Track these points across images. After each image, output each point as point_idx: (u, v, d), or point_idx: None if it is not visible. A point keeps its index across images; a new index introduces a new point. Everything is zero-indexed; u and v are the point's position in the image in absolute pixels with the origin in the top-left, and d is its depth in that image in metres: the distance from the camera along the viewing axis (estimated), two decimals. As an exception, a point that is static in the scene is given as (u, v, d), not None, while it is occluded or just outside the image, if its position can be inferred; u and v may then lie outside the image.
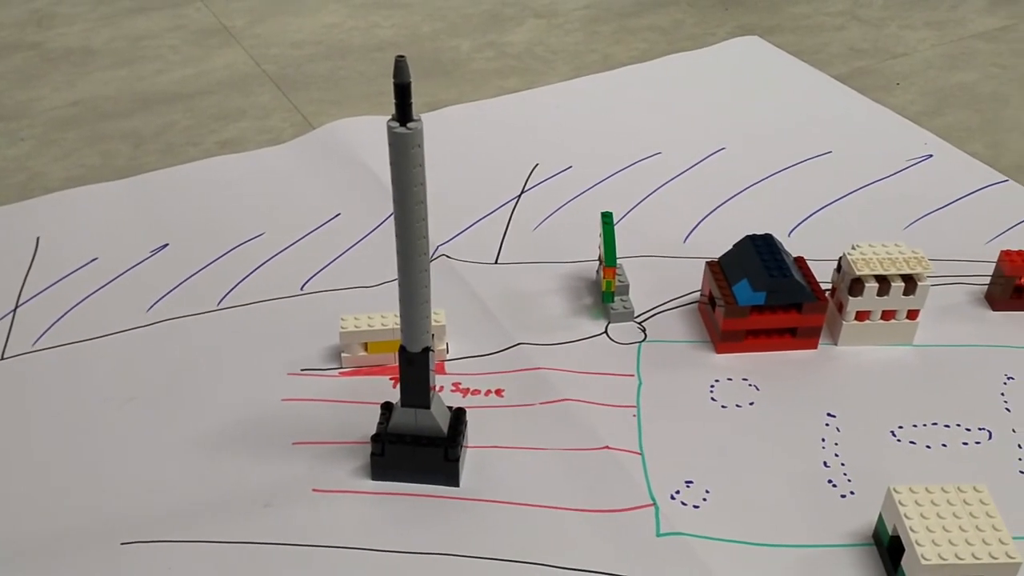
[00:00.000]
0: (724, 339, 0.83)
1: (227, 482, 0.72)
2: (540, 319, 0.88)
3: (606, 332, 0.87)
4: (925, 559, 0.61)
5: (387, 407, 0.71)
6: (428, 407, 0.68)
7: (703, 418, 0.78)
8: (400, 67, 0.56)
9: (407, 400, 0.68)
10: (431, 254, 0.95)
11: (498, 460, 0.74)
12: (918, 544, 0.61)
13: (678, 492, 0.71)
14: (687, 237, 0.99)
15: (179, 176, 1.08)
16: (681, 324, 0.87)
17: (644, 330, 0.87)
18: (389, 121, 0.58)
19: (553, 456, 0.74)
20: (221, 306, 0.89)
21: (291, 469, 0.72)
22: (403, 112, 0.57)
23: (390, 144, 0.58)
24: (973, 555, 0.61)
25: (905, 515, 0.63)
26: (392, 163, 0.58)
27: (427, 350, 0.66)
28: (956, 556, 0.61)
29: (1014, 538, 0.66)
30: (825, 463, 0.73)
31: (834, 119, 1.19)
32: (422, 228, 0.60)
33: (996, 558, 0.61)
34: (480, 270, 0.94)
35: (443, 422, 0.69)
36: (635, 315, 0.88)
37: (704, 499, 0.71)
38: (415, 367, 0.66)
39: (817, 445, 0.75)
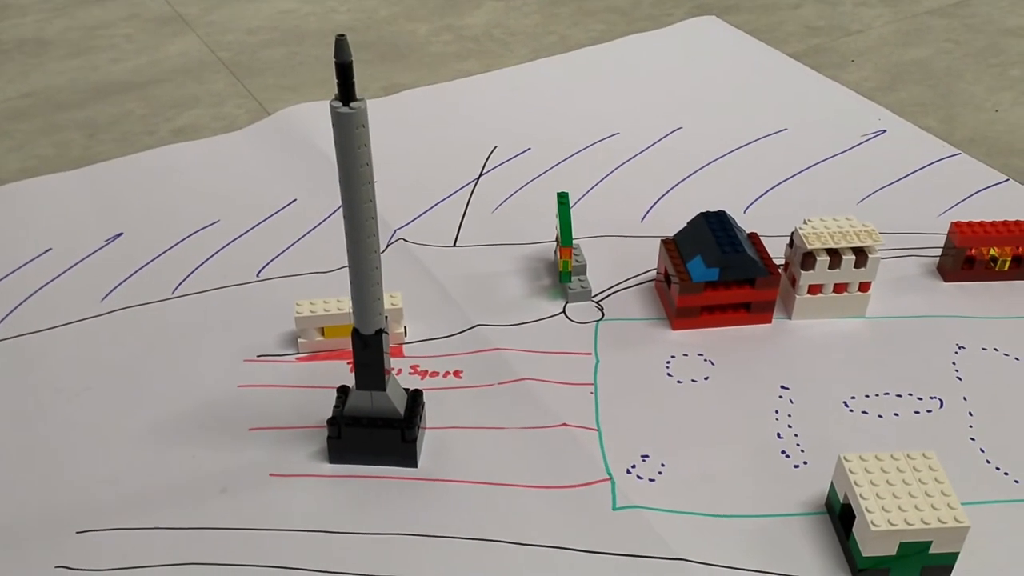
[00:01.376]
0: (680, 315, 0.84)
1: (182, 469, 0.71)
2: (498, 301, 0.88)
3: (564, 312, 0.87)
4: (875, 525, 0.62)
5: (343, 390, 0.71)
6: (384, 389, 0.68)
7: (659, 393, 0.78)
8: (341, 46, 0.55)
9: (362, 383, 0.68)
10: (389, 238, 0.95)
11: (456, 440, 0.74)
12: (868, 511, 0.62)
13: (634, 466, 0.72)
14: (644, 216, 1.00)
15: (133, 165, 1.07)
16: (638, 302, 0.88)
17: (601, 309, 0.87)
18: (332, 101, 0.57)
19: (511, 435, 0.74)
20: (176, 294, 0.88)
21: (248, 454, 0.72)
22: (346, 92, 0.57)
23: (334, 124, 0.57)
24: (922, 520, 0.62)
25: (855, 483, 0.64)
26: (337, 144, 0.58)
27: (380, 332, 0.65)
28: (905, 522, 0.62)
29: (965, 504, 0.68)
30: (778, 434, 0.74)
31: (790, 97, 1.19)
32: (370, 209, 0.60)
33: (944, 523, 0.62)
34: (438, 253, 0.94)
35: (399, 404, 0.70)
36: (592, 294, 0.89)
37: (660, 472, 0.72)
38: (369, 349, 0.66)
39: (771, 417, 0.76)
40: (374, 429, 0.69)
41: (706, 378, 0.80)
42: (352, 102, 0.57)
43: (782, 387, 0.79)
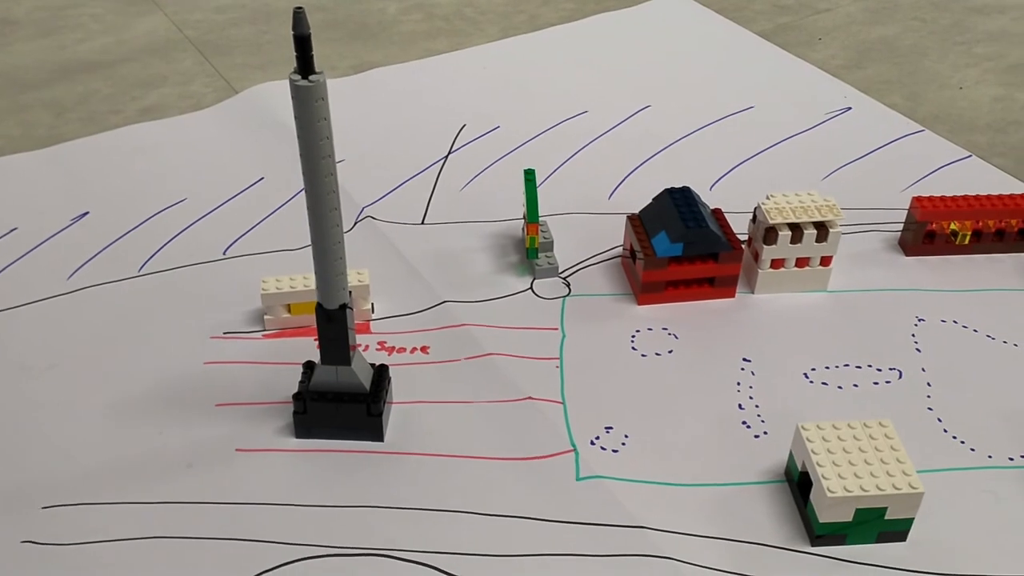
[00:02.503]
0: (645, 290, 0.85)
1: (149, 445, 0.72)
2: (466, 277, 0.88)
3: (531, 288, 0.88)
4: (831, 492, 0.63)
5: (309, 365, 0.72)
6: (349, 364, 0.68)
7: (624, 367, 0.79)
8: (299, 18, 0.55)
9: (327, 358, 0.68)
10: (357, 216, 0.96)
11: (423, 414, 0.75)
12: (824, 478, 0.64)
13: (598, 438, 0.73)
14: (612, 193, 1.00)
15: (99, 144, 1.07)
16: (604, 278, 0.89)
17: (568, 285, 0.88)
18: (291, 74, 0.58)
19: (477, 409, 0.75)
20: (142, 272, 0.88)
21: (214, 430, 0.73)
22: (304, 64, 0.57)
23: (293, 98, 0.58)
24: (877, 487, 0.63)
25: (812, 451, 0.65)
26: (296, 117, 0.58)
27: (344, 307, 0.66)
28: (861, 488, 0.63)
29: (922, 471, 0.69)
30: (740, 405, 0.76)
31: (757, 75, 1.20)
32: (331, 182, 0.60)
33: (899, 489, 0.63)
34: (406, 231, 0.94)
35: (365, 378, 0.70)
36: (559, 270, 0.89)
37: (623, 443, 0.73)
38: (333, 324, 0.66)
39: (732, 389, 0.77)
40: (340, 404, 0.69)
41: (670, 352, 0.81)
42: (311, 75, 0.57)
43: (744, 359, 0.80)
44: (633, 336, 0.82)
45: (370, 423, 0.70)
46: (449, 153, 1.06)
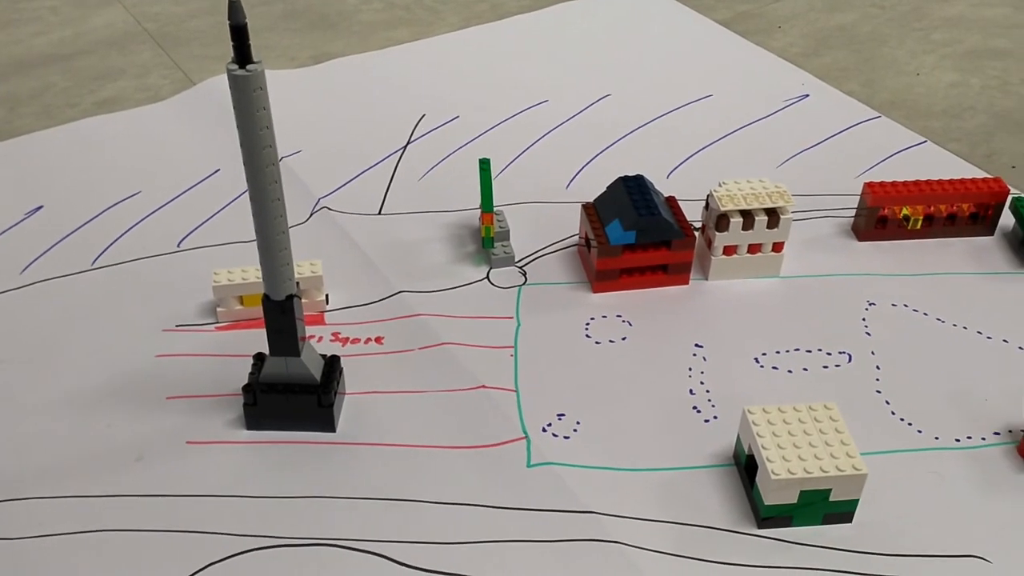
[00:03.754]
0: (599, 278, 0.85)
1: (99, 439, 0.71)
2: (422, 267, 0.88)
3: (487, 277, 0.88)
4: (775, 474, 0.64)
5: (259, 357, 0.72)
6: (298, 355, 0.68)
7: (577, 354, 0.80)
8: (234, 8, 0.55)
9: (276, 349, 0.68)
10: (313, 207, 0.95)
11: (376, 405, 0.75)
12: (769, 461, 0.64)
13: (550, 425, 0.73)
14: (570, 183, 1.00)
15: (54, 138, 1.06)
16: (561, 266, 0.89)
17: (525, 274, 0.88)
18: (228, 64, 0.57)
19: (430, 398, 0.75)
20: (96, 266, 0.88)
21: (164, 423, 0.72)
22: (241, 54, 0.57)
23: (231, 88, 0.57)
24: (821, 469, 0.64)
25: (758, 434, 0.66)
26: (235, 108, 0.58)
27: (291, 298, 0.66)
28: (805, 470, 0.64)
29: (870, 453, 0.70)
30: (691, 391, 0.76)
31: (716, 63, 1.21)
32: (273, 172, 0.60)
33: (843, 471, 0.64)
34: (363, 221, 0.94)
35: (315, 369, 0.70)
36: (516, 259, 0.90)
37: (575, 430, 0.73)
38: (280, 315, 0.66)
39: (684, 374, 0.78)
40: (290, 395, 0.69)
41: (624, 339, 0.81)
42: (249, 64, 0.57)
43: (696, 345, 0.80)
44: (587, 324, 0.83)
45: (321, 414, 0.70)
46: (408, 143, 1.06)
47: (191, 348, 0.79)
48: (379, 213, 0.95)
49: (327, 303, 0.83)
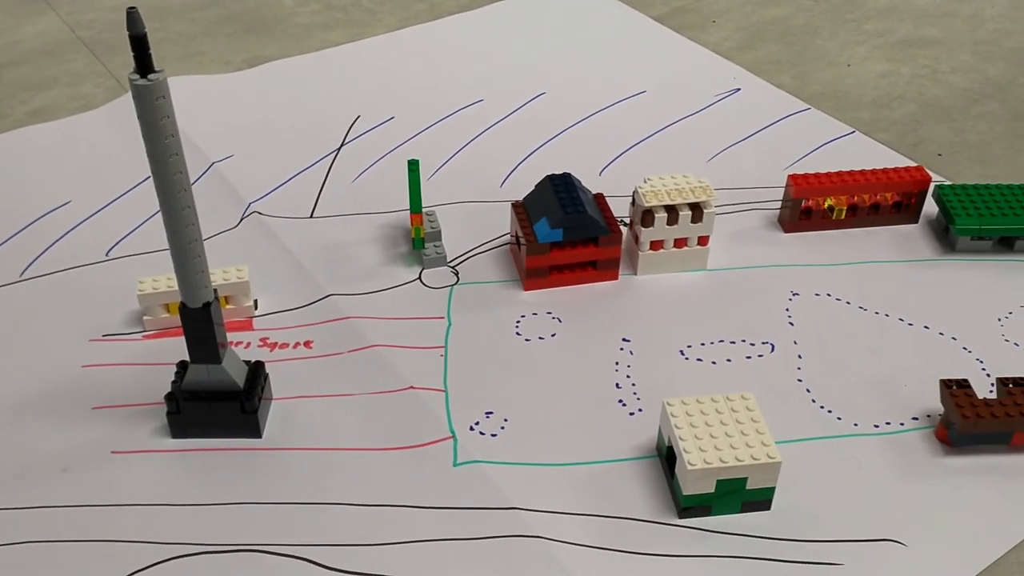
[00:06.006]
0: (530, 276, 0.86)
1: (23, 450, 0.71)
2: (354, 270, 0.89)
3: (419, 278, 0.88)
4: (691, 465, 0.65)
5: (182, 365, 0.72)
6: (219, 362, 0.69)
7: (507, 353, 0.80)
8: (132, 19, 0.56)
9: (196, 357, 0.68)
10: (243, 212, 0.95)
11: (304, 409, 0.75)
12: (686, 451, 0.65)
13: (477, 423, 0.74)
14: (504, 181, 1.01)
15: (-17, 149, 1.05)
16: (493, 265, 0.90)
17: (457, 273, 0.89)
18: (130, 75, 0.57)
19: (358, 401, 0.76)
20: (23, 277, 0.87)
21: (90, 433, 0.72)
22: (143, 64, 0.57)
23: (134, 97, 0.58)
24: (736, 458, 0.65)
25: (675, 426, 0.67)
26: (140, 117, 0.58)
27: (208, 305, 0.66)
28: (720, 460, 0.65)
29: (791, 441, 0.72)
30: (617, 384, 0.77)
31: (651, 59, 1.22)
32: (181, 180, 0.60)
33: (758, 459, 0.65)
34: (294, 225, 0.94)
35: (238, 376, 0.70)
36: (448, 259, 0.90)
37: (502, 428, 0.74)
38: (198, 323, 0.66)
39: (611, 368, 0.79)
40: (213, 402, 0.69)
41: (553, 335, 0.82)
42: (150, 74, 0.57)
43: (623, 340, 0.81)
44: (518, 321, 0.84)
45: (246, 420, 0.70)
46: (342, 145, 1.06)
47: (118, 358, 0.79)
48: (311, 216, 0.95)
49: (256, 308, 0.83)
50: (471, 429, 0.74)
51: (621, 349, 0.80)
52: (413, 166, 0.88)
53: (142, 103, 0.57)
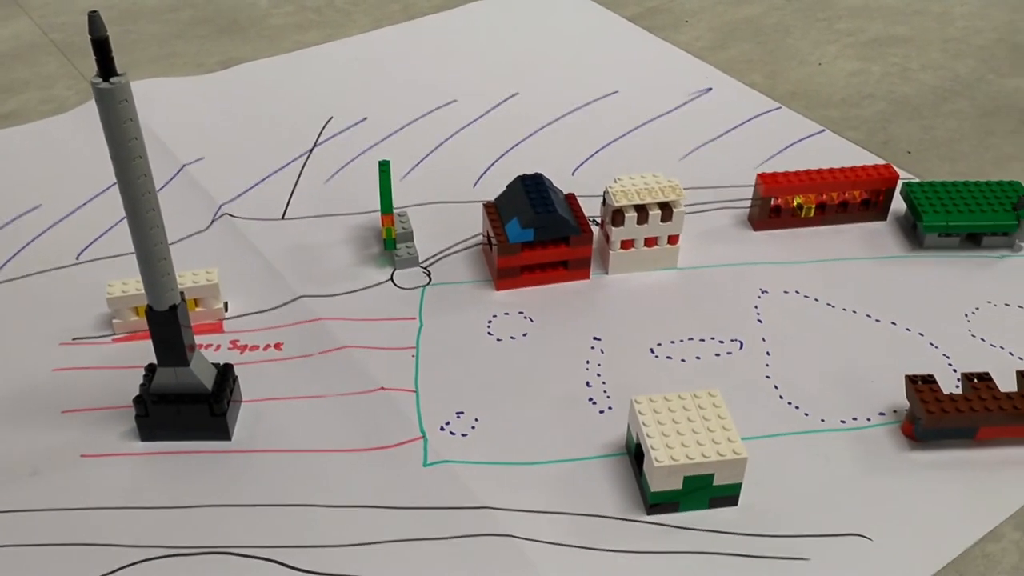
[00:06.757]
0: (501, 276, 0.86)
1: (-9, 456, 0.71)
2: (325, 271, 0.89)
3: (391, 279, 0.89)
4: (658, 461, 0.65)
5: (151, 368, 0.72)
6: (187, 365, 0.69)
7: (478, 352, 0.81)
8: (94, 22, 0.56)
9: (164, 359, 0.68)
10: (214, 214, 0.95)
11: (273, 411, 0.75)
12: (652, 449, 0.66)
13: (448, 423, 0.74)
14: (477, 182, 1.01)
15: (-47, 153, 1.04)
16: (466, 266, 0.90)
17: (429, 274, 0.89)
18: (92, 78, 0.57)
19: (328, 402, 0.76)
20: (-7, 282, 0.87)
21: (59, 437, 0.72)
22: (105, 67, 0.57)
23: (97, 101, 0.57)
24: (702, 454, 0.66)
25: (643, 423, 0.68)
26: (103, 121, 0.58)
27: (174, 308, 0.66)
28: (687, 456, 0.66)
29: (758, 437, 0.72)
30: (588, 383, 0.78)
31: (623, 59, 1.22)
32: (146, 183, 0.60)
33: (724, 456, 0.66)
34: (265, 227, 0.94)
35: (207, 379, 0.70)
36: (421, 260, 0.90)
37: (473, 427, 0.74)
38: (165, 326, 0.66)
39: (582, 367, 0.79)
40: (181, 405, 0.69)
41: (524, 335, 0.83)
42: (113, 77, 0.57)
43: (594, 338, 0.82)
44: (490, 321, 0.84)
45: (215, 423, 0.70)
46: (314, 146, 1.06)
47: (88, 361, 0.79)
48: (282, 218, 0.95)
49: (226, 311, 0.83)
50: (441, 429, 0.74)
51: (592, 348, 0.81)
52: (384, 167, 0.89)
53: (105, 106, 0.57)
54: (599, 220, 0.90)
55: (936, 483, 0.70)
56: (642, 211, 0.85)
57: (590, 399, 0.76)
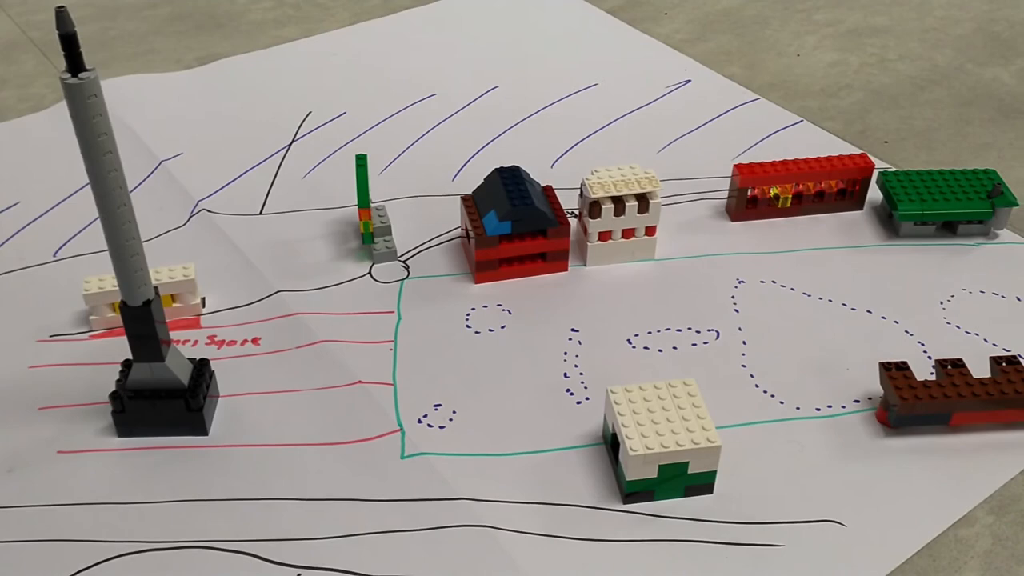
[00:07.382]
0: (480, 269, 0.87)
1: (-33, 454, 0.71)
2: (303, 266, 0.89)
3: (370, 273, 0.89)
4: (633, 451, 0.66)
5: (127, 364, 0.72)
6: (162, 360, 0.69)
7: (457, 345, 0.81)
8: (61, 18, 0.56)
9: (139, 355, 0.68)
10: (192, 210, 0.95)
11: (251, 406, 0.75)
12: (628, 438, 0.66)
13: (425, 416, 0.74)
14: (456, 175, 1.02)
15: (-70, 152, 1.04)
16: (445, 259, 0.90)
17: (408, 268, 0.89)
18: (61, 74, 0.57)
19: (306, 396, 0.76)
20: (-31, 280, 0.87)
21: (36, 433, 0.72)
22: (73, 63, 0.57)
23: (66, 97, 0.57)
24: (677, 443, 0.66)
25: (618, 413, 0.68)
26: (72, 117, 0.58)
27: (148, 303, 0.66)
28: (661, 445, 0.66)
29: (733, 426, 0.73)
30: (565, 374, 0.78)
31: (603, 52, 1.23)
32: (116, 178, 0.60)
33: (698, 444, 0.66)
34: (243, 222, 0.94)
35: (182, 374, 0.70)
36: (399, 254, 0.90)
37: (450, 419, 0.74)
38: (138, 322, 0.66)
39: (559, 358, 0.79)
40: (157, 400, 0.69)
41: (503, 327, 0.83)
42: (81, 72, 0.57)
43: (572, 330, 0.82)
44: (468, 314, 0.84)
45: (191, 418, 0.71)
46: (292, 141, 1.06)
47: (65, 358, 0.78)
48: (260, 213, 0.95)
49: (203, 306, 0.83)
50: (419, 422, 0.74)
51: (570, 339, 0.81)
52: (361, 161, 0.89)
53: (74, 102, 0.57)
54: (576, 212, 0.90)
55: (910, 469, 0.71)
56: (619, 203, 0.86)
57: (567, 390, 0.77)
